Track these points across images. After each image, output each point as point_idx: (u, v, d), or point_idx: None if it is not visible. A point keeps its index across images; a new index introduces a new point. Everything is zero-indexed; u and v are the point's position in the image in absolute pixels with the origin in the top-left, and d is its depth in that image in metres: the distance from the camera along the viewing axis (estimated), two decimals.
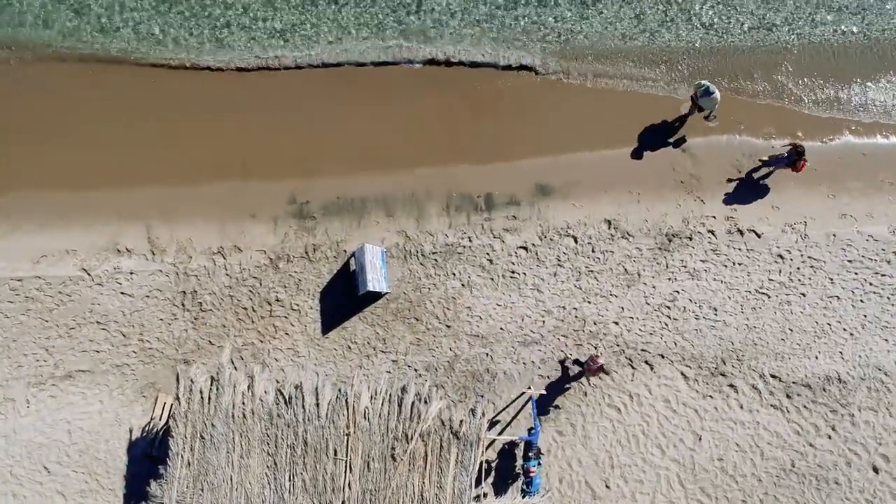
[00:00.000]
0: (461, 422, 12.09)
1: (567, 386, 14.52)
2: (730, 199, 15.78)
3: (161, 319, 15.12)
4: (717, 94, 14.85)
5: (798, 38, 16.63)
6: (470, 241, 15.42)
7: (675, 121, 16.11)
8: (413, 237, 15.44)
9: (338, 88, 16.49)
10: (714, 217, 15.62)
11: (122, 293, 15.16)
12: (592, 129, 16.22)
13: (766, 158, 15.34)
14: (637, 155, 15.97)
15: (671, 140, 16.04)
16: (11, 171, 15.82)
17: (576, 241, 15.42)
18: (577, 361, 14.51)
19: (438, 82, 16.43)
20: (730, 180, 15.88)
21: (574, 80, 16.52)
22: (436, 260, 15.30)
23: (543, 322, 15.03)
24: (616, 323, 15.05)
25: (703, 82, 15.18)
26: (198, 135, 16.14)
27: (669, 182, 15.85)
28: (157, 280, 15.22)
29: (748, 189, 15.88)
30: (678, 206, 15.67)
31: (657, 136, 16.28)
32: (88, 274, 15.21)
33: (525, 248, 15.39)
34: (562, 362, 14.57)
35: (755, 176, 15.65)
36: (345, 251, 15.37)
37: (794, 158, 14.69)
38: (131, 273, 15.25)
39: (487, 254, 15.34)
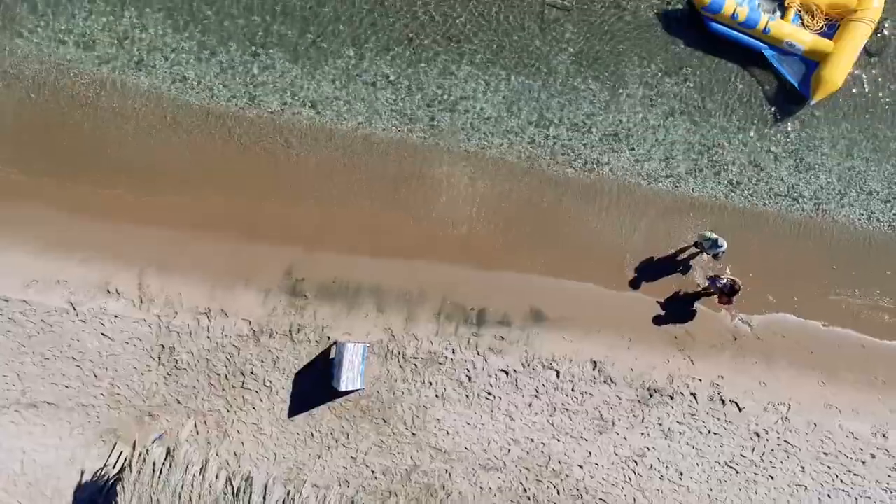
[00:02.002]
0: None
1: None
2: (719, 366, 15.62)
3: (135, 368, 15.18)
4: (725, 246, 14.91)
5: (822, 215, 16.43)
6: (453, 353, 15.37)
7: (681, 262, 15.99)
8: (398, 337, 15.42)
9: (360, 167, 16.33)
10: (700, 380, 15.53)
11: (103, 334, 15.22)
12: (600, 259, 16.04)
13: (710, 276, 15.51)
14: (638, 296, 15.75)
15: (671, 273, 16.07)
16: (34, 186, 15.73)
17: (558, 376, 15.34)
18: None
19: None
20: (722, 346, 15.68)
21: (592, 208, 16.30)
22: (415, 365, 15.25)
23: (509, 450, 14.97)
24: (581, 466, 14.99)
25: (709, 235, 15.04)
26: (215, 186, 16.12)
27: (664, 334, 15.80)
28: (140, 329, 15.27)
29: (739, 359, 15.69)
30: (667, 362, 15.59)
31: (661, 275, 16.06)
32: (74, 308, 15.27)
33: (506, 372, 15.32)
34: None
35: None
36: (328, 338, 15.40)
37: (727, 290, 14.69)
38: (116, 316, 15.31)
39: (468, 370, 15.29)
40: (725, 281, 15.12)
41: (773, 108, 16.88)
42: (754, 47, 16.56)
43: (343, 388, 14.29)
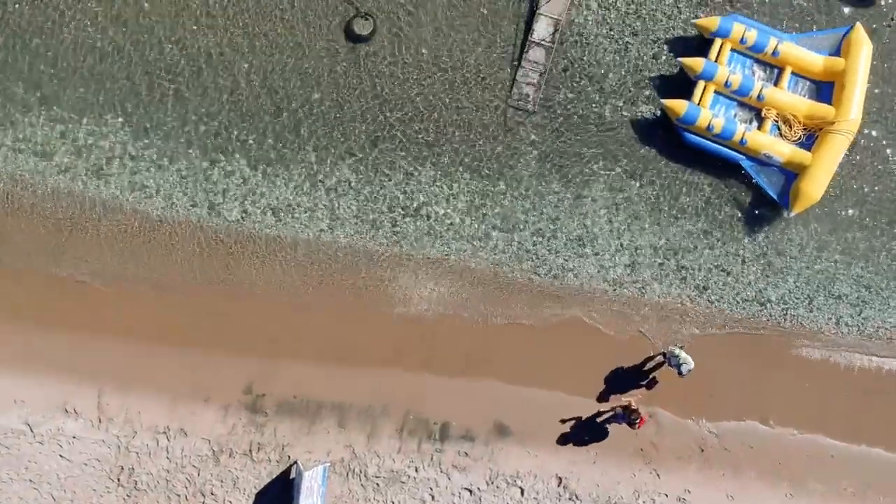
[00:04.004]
0: None
1: None
2: (685, 479, 15.46)
3: (94, 490, 15.10)
4: (690, 365, 14.82)
5: (790, 321, 16.22)
6: (416, 471, 15.26)
7: (647, 374, 16.06)
8: (360, 455, 15.34)
9: (322, 275, 16.21)
10: (666, 495, 15.52)
11: (61, 456, 15.16)
12: (565, 368, 16.16)
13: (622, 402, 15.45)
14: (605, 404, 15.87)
15: (634, 384, 16.07)
16: None
17: (522, 494, 15.25)
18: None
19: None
20: (689, 458, 15.54)
21: (556, 315, 16.11)
22: (377, 484, 15.15)
23: None
24: None
25: (677, 352, 14.87)
26: (175, 297, 16.04)
27: (629, 447, 15.76)
28: (98, 450, 15.18)
29: (706, 471, 15.51)
30: (633, 476, 15.53)
31: (627, 387, 15.89)
32: (31, 430, 15.22)
33: (469, 491, 15.22)
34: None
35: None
36: (288, 457, 15.30)
37: (627, 417, 14.81)
38: (74, 437, 15.24)
39: (430, 489, 15.18)
40: (619, 411, 15.11)
41: (739, 211, 16.80)
42: (732, 158, 16.48)
43: None
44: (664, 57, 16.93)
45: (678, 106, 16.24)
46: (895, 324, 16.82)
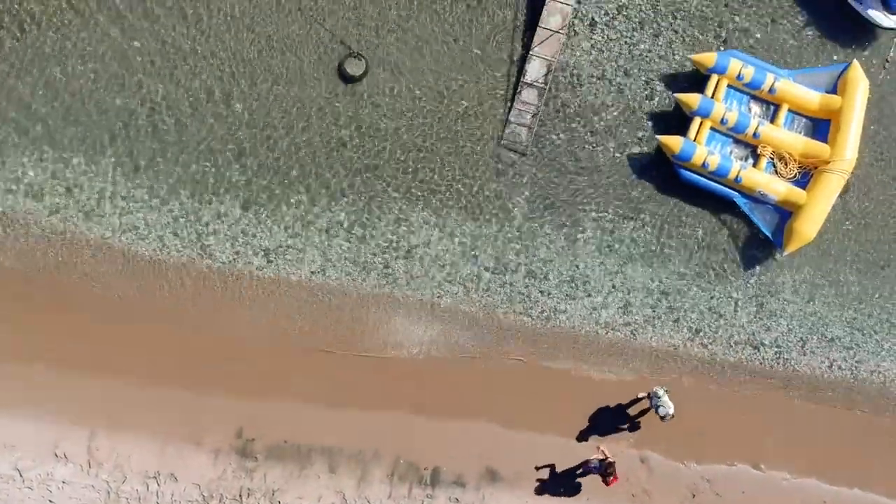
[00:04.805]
0: None
1: None
2: None
3: None
4: (670, 410, 14.84)
5: (783, 365, 16.13)
6: None
7: (633, 418, 16.02)
8: (350, 500, 15.53)
9: (314, 317, 16.17)
10: None
11: (50, 501, 15.21)
12: (556, 411, 16.21)
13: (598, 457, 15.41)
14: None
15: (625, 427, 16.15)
16: None
17: None
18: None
19: None
20: None
21: (549, 362, 16.03)
22: None
23: None
24: None
25: (661, 395, 14.86)
26: (166, 338, 15.96)
27: (621, 492, 15.87)
28: (88, 495, 15.18)
29: None
30: None
31: (616, 427, 15.85)
32: (21, 475, 15.22)
33: None
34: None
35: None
36: (279, 502, 15.07)
37: (603, 470, 14.73)
38: (63, 482, 15.24)
39: None
40: (595, 463, 15.06)
41: (733, 253, 16.79)
42: (727, 195, 16.41)
43: None
44: (658, 97, 16.89)
45: (673, 142, 16.18)
46: (889, 367, 16.74)
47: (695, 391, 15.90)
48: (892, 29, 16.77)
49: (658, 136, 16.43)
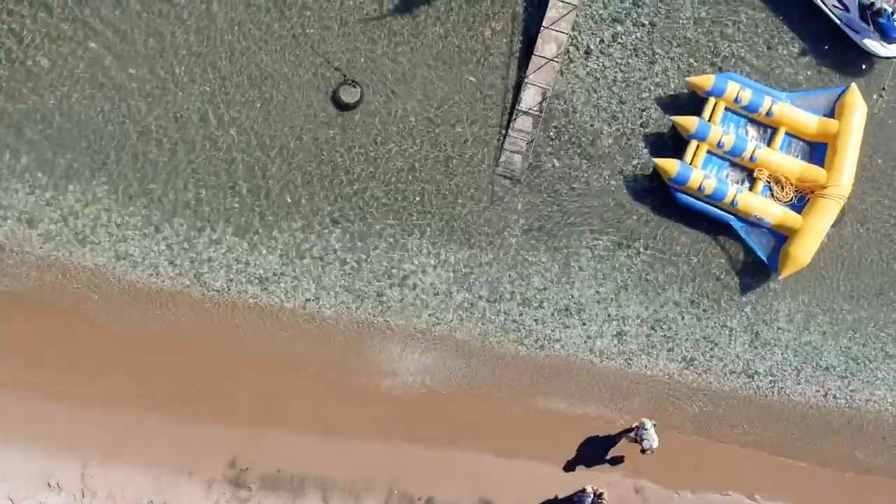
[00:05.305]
0: None
1: None
2: None
3: None
4: (654, 443, 14.82)
5: (778, 393, 16.09)
6: None
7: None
8: None
9: (307, 345, 16.15)
10: None
11: None
12: (550, 441, 16.24)
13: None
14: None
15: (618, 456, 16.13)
16: None
17: None
18: None
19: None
20: None
21: (540, 387, 16.04)
22: None
23: None
24: None
25: (648, 426, 15.01)
26: (160, 366, 15.90)
27: None
28: None
29: None
30: None
31: (610, 454, 15.89)
32: None
33: None
34: None
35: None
36: None
37: (594, 501, 15.01)
38: None
39: None
40: (588, 496, 15.18)
41: (727, 282, 16.82)
42: (722, 219, 16.39)
43: None
44: (653, 124, 16.85)
45: (670, 166, 16.16)
46: (883, 396, 16.71)
47: (689, 420, 15.86)
48: (888, 58, 16.74)
49: (654, 160, 16.41)
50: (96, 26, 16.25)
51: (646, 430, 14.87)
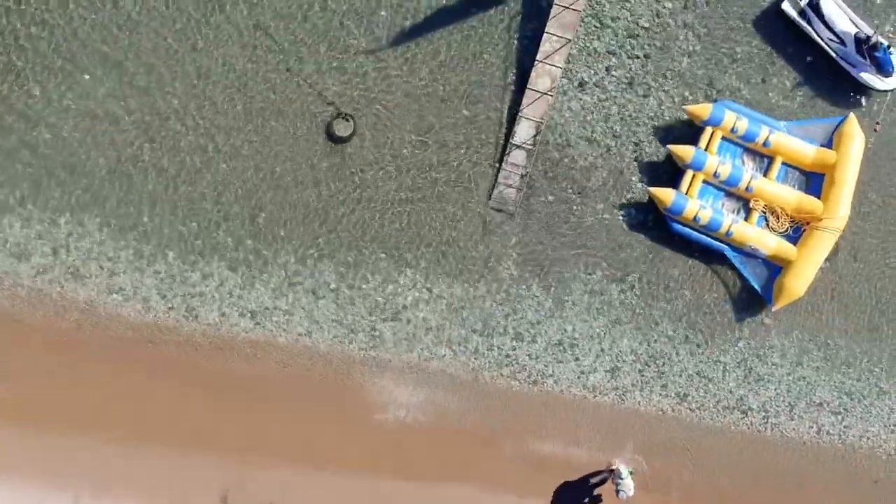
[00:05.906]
0: None
1: None
2: None
3: None
4: (629, 493, 15.00)
5: (771, 429, 16.05)
6: None
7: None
8: None
9: (299, 380, 16.16)
10: None
11: None
12: (540, 478, 16.63)
13: None
14: None
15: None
16: None
17: None
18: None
19: None
20: None
21: (535, 421, 16.04)
22: None
23: None
24: None
25: (624, 475, 15.09)
26: (153, 399, 15.89)
27: None
28: None
29: None
30: None
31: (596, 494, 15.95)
32: None
33: None
34: None
35: None
36: None
37: None
38: None
39: None
40: None
41: (721, 316, 16.76)
42: (717, 249, 16.34)
43: None
44: (647, 157, 16.75)
45: (665, 195, 16.10)
46: (877, 432, 16.67)
47: (679, 457, 15.83)
48: (885, 91, 16.64)
49: (649, 189, 16.33)
50: (89, 59, 16.17)
51: (622, 479, 14.89)
